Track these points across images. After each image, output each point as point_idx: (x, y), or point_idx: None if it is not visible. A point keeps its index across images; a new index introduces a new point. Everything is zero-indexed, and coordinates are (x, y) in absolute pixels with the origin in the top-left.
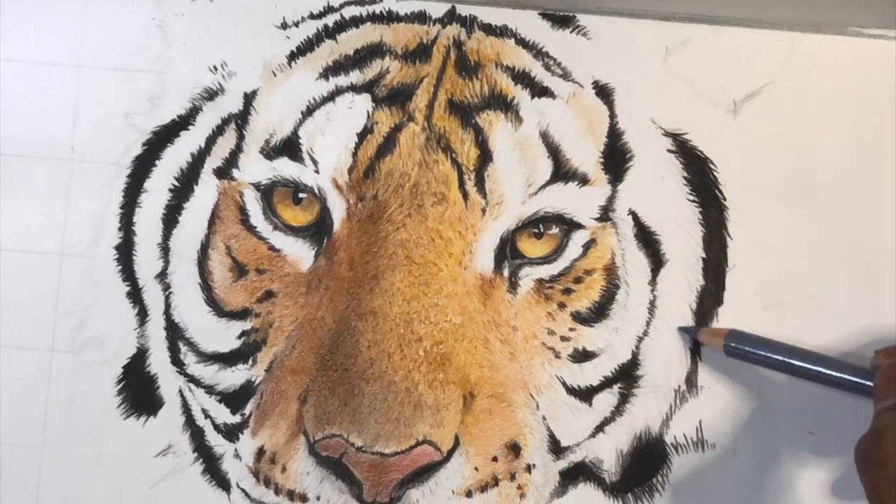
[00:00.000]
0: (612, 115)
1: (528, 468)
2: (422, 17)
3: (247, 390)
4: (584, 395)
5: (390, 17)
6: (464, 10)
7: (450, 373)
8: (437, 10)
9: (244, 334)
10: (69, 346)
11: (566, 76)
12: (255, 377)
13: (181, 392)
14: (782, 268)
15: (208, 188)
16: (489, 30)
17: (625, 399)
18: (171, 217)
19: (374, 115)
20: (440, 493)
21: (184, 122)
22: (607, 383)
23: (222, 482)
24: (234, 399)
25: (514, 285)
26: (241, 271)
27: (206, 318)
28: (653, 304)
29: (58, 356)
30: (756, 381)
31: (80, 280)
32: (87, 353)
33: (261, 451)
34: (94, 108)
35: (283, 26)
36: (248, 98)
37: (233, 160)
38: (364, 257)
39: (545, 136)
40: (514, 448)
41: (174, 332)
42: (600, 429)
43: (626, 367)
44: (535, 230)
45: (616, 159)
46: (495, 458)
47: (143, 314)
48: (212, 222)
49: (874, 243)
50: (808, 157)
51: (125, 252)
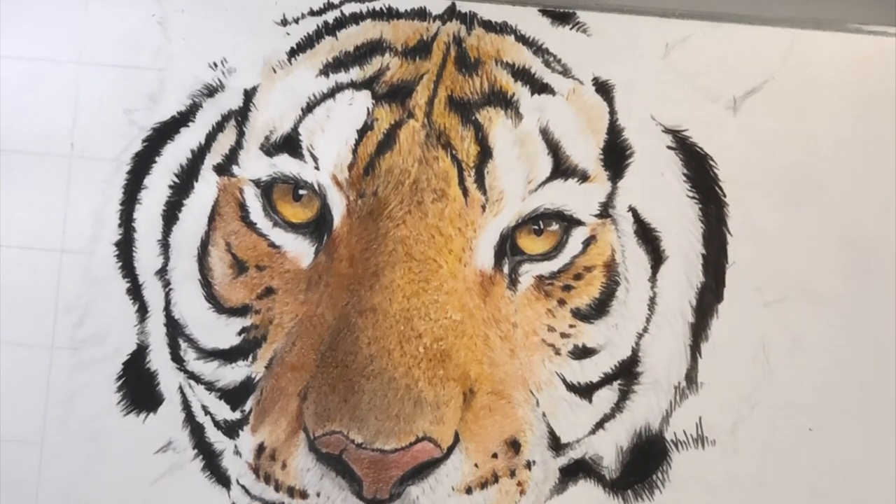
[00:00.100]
0: (612, 112)
1: (528, 465)
2: (422, 14)
3: (247, 387)
4: (584, 391)
5: (390, 14)
6: (464, 7)
7: (450, 369)
8: (437, 6)
9: (244, 331)
10: (69, 342)
11: (566, 73)
12: (255, 374)
13: (181, 388)
14: (782, 264)
15: (208, 185)
16: (489, 26)
17: (625, 396)
18: (171, 213)
19: (375, 111)
20: (440, 490)
21: (184, 119)
22: (607, 380)
23: (222, 479)
24: (235, 395)
25: (514, 282)
26: (241, 268)
27: (206, 314)
28: (653, 300)
29: (58, 352)
30: (756, 377)
31: (80, 276)
32: (87, 349)
33: (261, 448)
34: (95, 105)
35: (284, 23)
36: (249, 95)
37: (233, 157)
38: (364, 254)
39: (545, 133)
40: (514, 445)
41: (174, 329)
42: (600, 425)
43: (626, 363)
44: (535, 227)
45: (616, 156)
46: (495, 455)
47: (143, 311)
48: (212, 219)
49: (874, 239)
50: (808, 154)
51: (125, 248)
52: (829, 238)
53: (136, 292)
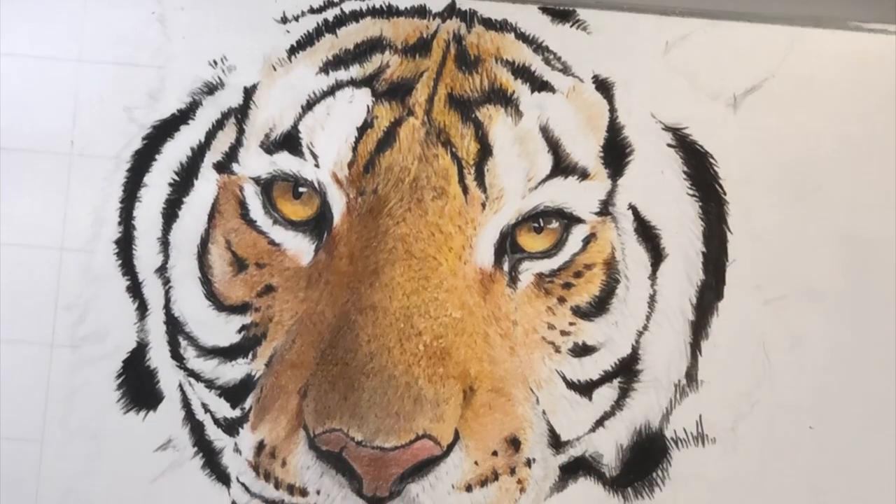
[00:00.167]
0: (612, 110)
1: (528, 462)
2: (422, 12)
3: (247, 384)
4: (584, 389)
5: (390, 12)
6: (464, 5)
7: (450, 367)
8: (437, 4)
9: (244, 328)
10: (69, 340)
11: (566, 70)
12: (255, 371)
13: (181, 386)
14: (782, 262)
15: (208, 182)
16: (489, 24)
17: (625, 393)
18: (170, 211)
19: (374, 109)
20: (440, 488)
21: (184, 117)
22: (607, 378)
23: (222, 476)
24: (234, 393)
25: (514, 280)
26: (240, 265)
27: (206, 312)
28: (653, 298)
29: (58, 350)
30: (756, 375)
31: (79, 274)
32: (87, 347)
33: (261, 446)
34: (94, 103)
35: (284, 20)
36: (248, 92)
37: (233, 154)
38: (364, 252)
39: (545, 131)
40: (514, 442)
41: (174, 327)
42: (600, 423)
43: (626, 361)
44: (535, 224)
45: (616, 154)
46: (495, 453)
47: (142, 308)
48: (212, 216)
49: (874, 236)
50: (809, 152)
51: (125, 246)
52: (830, 236)
53: (135, 290)
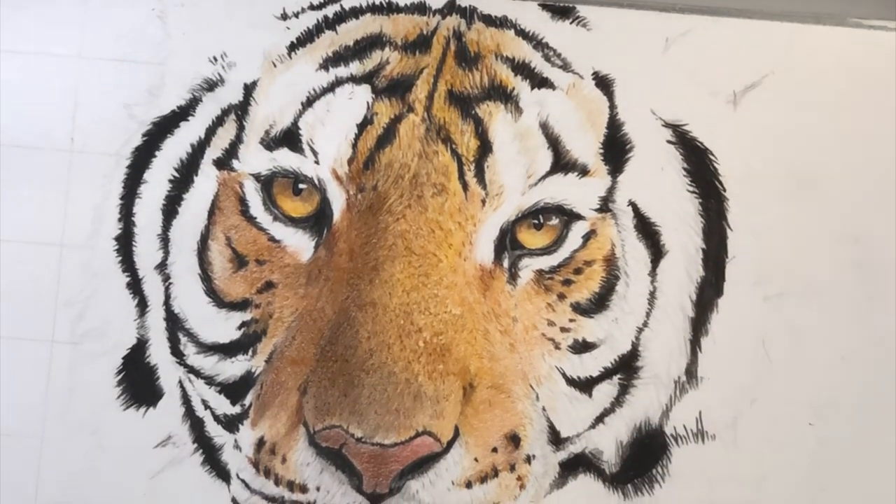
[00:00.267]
0: (612, 106)
1: (528, 459)
2: (422, 8)
3: (247, 381)
4: (584, 385)
5: (390, 9)
6: (464, 1)
7: (449, 364)
8: (436, 0)
9: (244, 325)
10: (69, 336)
11: (566, 67)
12: (255, 368)
13: (181, 383)
14: (782, 258)
15: (208, 179)
16: (489, 21)
17: (625, 390)
18: (170, 208)
19: (374, 105)
20: (440, 484)
21: (184, 113)
22: (607, 374)
23: (222, 473)
24: (234, 390)
25: (513, 276)
26: (241, 262)
27: (206, 308)
28: (653, 294)
29: (58, 347)
30: (756, 372)
31: (80, 271)
32: (87, 343)
33: (261, 442)
34: (95, 99)
35: (284, 17)
36: (249, 89)
37: (233, 151)
38: (364, 248)
39: (545, 127)
40: (514, 439)
41: (174, 323)
42: (600, 420)
43: (626, 357)
44: (535, 221)
45: (616, 150)
46: (495, 449)
47: (142, 305)
48: (212, 213)
49: (874, 233)
50: (808, 148)
51: (125, 243)
52: (830, 232)
53: (136, 287)
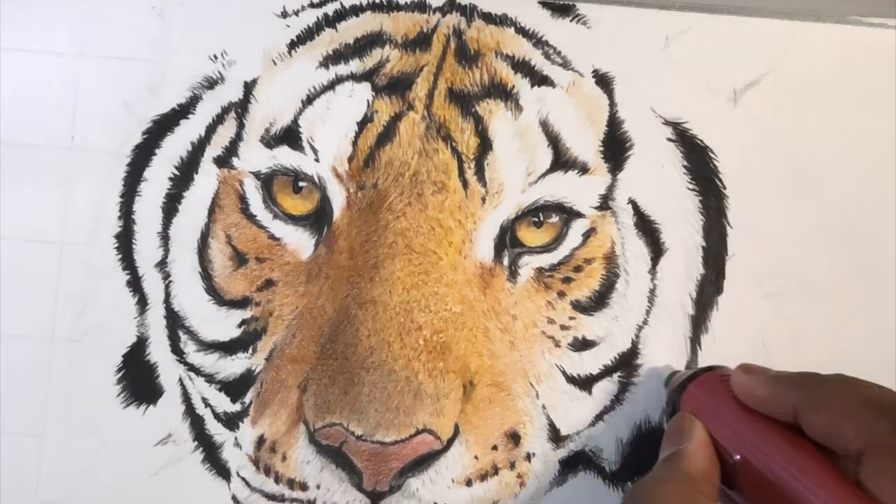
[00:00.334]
0: (612, 104)
1: (528, 457)
2: (422, 6)
3: (247, 379)
4: (584, 383)
5: (390, 6)
6: None
7: (450, 361)
8: None
9: (244, 323)
10: (69, 334)
11: (566, 65)
12: (255, 366)
13: (181, 381)
14: (782, 256)
15: (208, 177)
16: (489, 18)
17: (625, 388)
18: (170, 206)
19: (374, 103)
20: (440, 482)
21: (184, 111)
22: (607, 372)
23: (222, 471)
24: (235, 388)
25: (513, 274)
26: (241, 260)
27: (206, 306)
28: (653, 292)
29: (58, 345)
30: None
31: (79, 269)
32: (87, 341)
33: (261, 440)
34: (94, 97)
35: (284, 15)
36: (248, 87)
37: (233, 149)
38: (364, 246)
39: (545, 125)
40: (514, 437)
41: (174, 321)
42: (600, 417)
43: (625, 355)
44: (535, 219)
45: (616, 148)
46: (495, 447)
47: (142, 303)
48: (212, 211)
49: (874, 232)
50: (809, 146)
51: (125, 241)
52: (830, 230)
53: (136, 284)
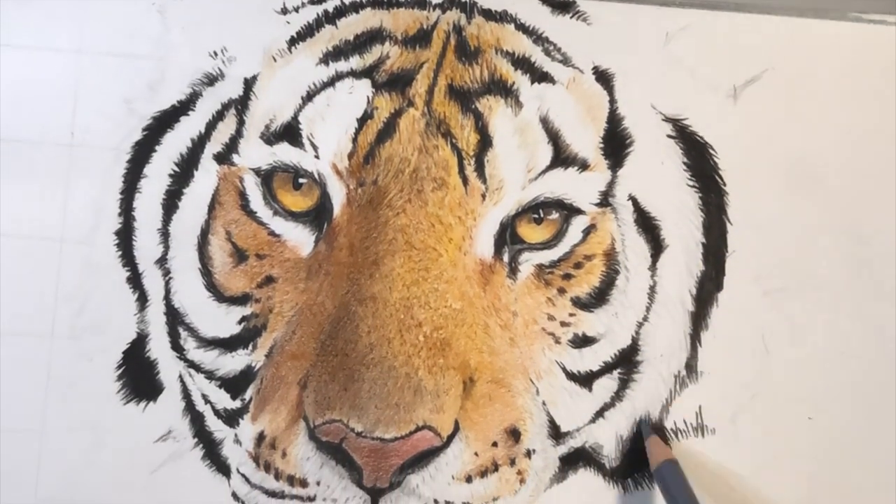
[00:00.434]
0: (612, 101)
1: (528, 453)
2: (422, 3)
3: (247, 375)
4: (584, 380)
5: (390, 3)
6: None
7: (450, 358)
8: None
9: (244, 319)
10: (69, 331)
11: (566, 61)
12: (255, 362)
13: (181, 377)
14: (782, 253)
15: (208, 173)
16: (489, 15)
17: (625, 384)
18: (171, 202)
19: (374, 100)
20: (440, 479)
21: (184, 108)
22: (607, 368)
23: (222, 467)
24: (235, 384)
25: (513, 270)
26: (241, 256)
27: (207, 303)
28: (653, 289)
29: (58, 341)
30: (756, 366)
31: (79, 265)
32: (87, 338)
33: (261, 437)
34: (94, 94)
35: (284, 11)
36: (249, 83)
37: (233, 145)
38: (364, 242)
39: (545, 122)
40: (514, 433)
41: (174, 318)
42: (600, 414)
43: (625, 352)
44: (535, 215)
45: (616, 145)
46: (495, 444)
47: (143, 299)
48: (212, 207)
49: (874, 228)
50: (808, 143)
51: (125, 237)
52: (830, 226)
53: (136, 281)
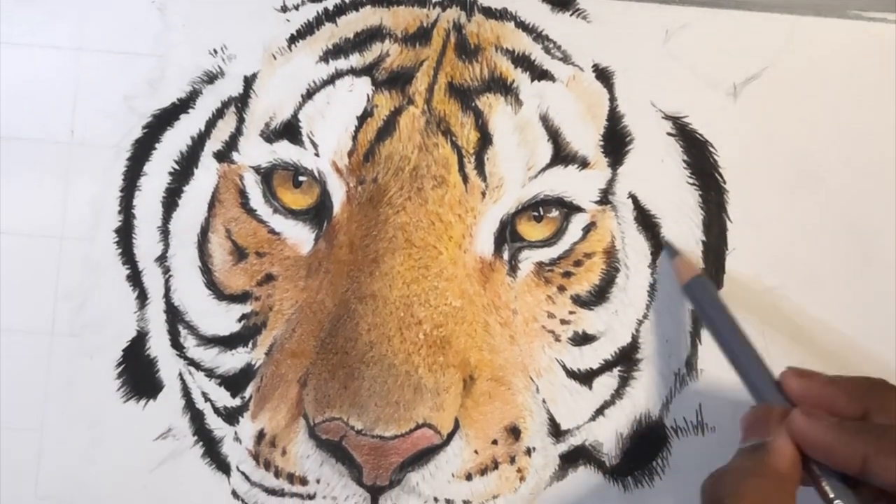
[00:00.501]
0: (612, 99)
1: (528, 451)
2: (422, 1)
3: (247, 373)
4: (584, 378)
5: (390, 1)
6: None
7: (450, 356)
8: None
9: (244, 317)
10: (69, 329)
11: (566, 59)
12: (255, 360)
13: (181, 375)
14: (782, 251)
15: (208, 171)
16: (489, 13)
17: (625, 382)
18: (170, 200)
19: (374, 98)
20: (440, 477)
21: (184, 106)
22: (607, 366)
23: (222, 465)
24: (234, 382)
25: (513, 268)
26: (241, 254)
27: (206, 301)
28: (653, 287)
29: (57, 339)
30: None
31: (79, 263)
32: (87, 336)
33: (261, 435)
34: (94, 92)
35: (284, 9)
36: (248, 81)
37: (233, 143)
38: (364, 240)
39: (545, 120)
40: (514, 431)
41: (174, 316)
42: (600, 412)
43: (626, 350)
44: (535, 213)
45: (616, 142)
46: (495, 442)
47: (142, 297)
48: (212, 205)
49: (874, 226)
50: (808, 141)
51: (125, 235)
52: (830, 224)
53: (135, 279)
